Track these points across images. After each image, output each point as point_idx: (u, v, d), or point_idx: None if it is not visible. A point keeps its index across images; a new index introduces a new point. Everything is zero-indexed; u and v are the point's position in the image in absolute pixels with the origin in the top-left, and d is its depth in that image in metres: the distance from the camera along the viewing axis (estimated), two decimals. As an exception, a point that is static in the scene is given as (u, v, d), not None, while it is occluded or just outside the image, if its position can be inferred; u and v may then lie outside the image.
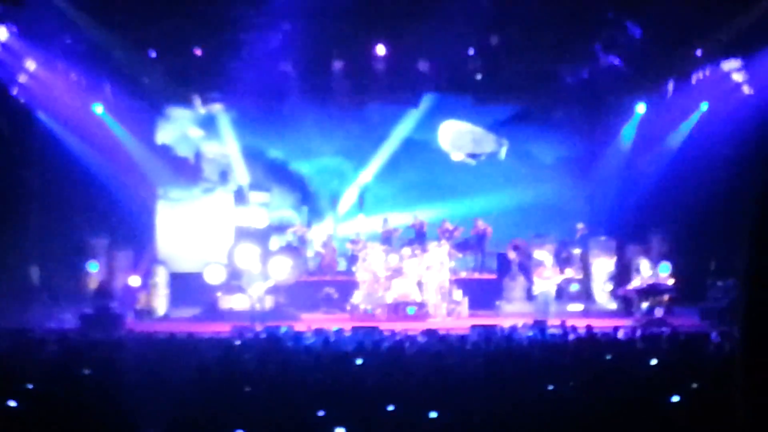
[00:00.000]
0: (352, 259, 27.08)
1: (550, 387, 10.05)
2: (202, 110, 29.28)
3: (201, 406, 9.22)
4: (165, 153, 29.64)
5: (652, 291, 23.08)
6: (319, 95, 28.36)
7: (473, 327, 18.95)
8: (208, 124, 29.90)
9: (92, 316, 21.64)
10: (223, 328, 19.94)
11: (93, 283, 25.23)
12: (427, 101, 29.14)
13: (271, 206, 29.37)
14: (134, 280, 25.74)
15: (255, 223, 27.95)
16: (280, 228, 29.12)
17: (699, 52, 25.60)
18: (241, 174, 30.07)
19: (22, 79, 24.45)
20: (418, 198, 29.99)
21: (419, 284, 25.22)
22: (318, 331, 17.74)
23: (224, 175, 29.98)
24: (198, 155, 30.22)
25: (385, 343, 15.04)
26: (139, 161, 28.07)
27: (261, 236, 27.33)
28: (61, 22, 23.33)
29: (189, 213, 28.99)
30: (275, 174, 30.77)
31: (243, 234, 27.09)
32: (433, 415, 8.87)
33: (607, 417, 8.72)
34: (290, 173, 31.07)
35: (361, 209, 30.40)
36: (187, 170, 30.09)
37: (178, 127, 29.69)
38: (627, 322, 21.25)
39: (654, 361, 12.04)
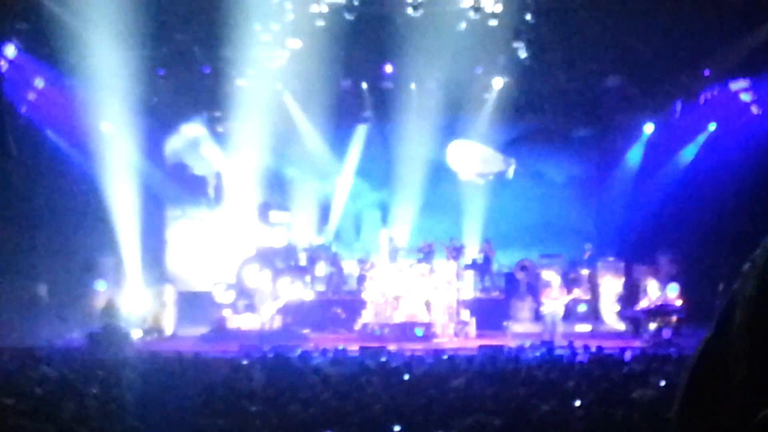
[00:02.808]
0: (361, 279, 27.04)
1: (558, 407, 10.01)
2: (219, 129, 29.38)
3: (208, 426, 9.20)
4: (180, 171, 29.68)
5: (660, 312, 23.00)
6: (327, 114, 28.47)
7: (481, 347, 18.96)
8: (223, 142, 29.94)
9: (99, 334, 21.59)
10: (230, 348, 19.93)
11: (100, 302, 25.22)
12: (436, 121, 29.13)
13: (290, 225, 29.52)
14: (142, 299, 25.75)
15: (275, 243, 28.05)
16: (293, 248, 29.13)
17: (707, 72, 25.63)
18: (254, 193, 30.13)
19: (30, 96, 24.51)
20: (427, 217, 29.97)
21: (427, 304, 25.17)
22: (325, 351, 17.74)
23: (249, 195, 30.03)
24: (218, 175, 30.20)
25: (393, 363, 15.04)
26: (148, 179, 28.07)
27: (273, 256, 27.39)
28: (69, 40, 23.42)
29: (209, 232, 29.18)
30: (293, 193, 30.67)
31: (256, 253, 27.17)
32: (440, 435, 8.85)
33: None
34: (308, 193, 30.94)
35: (384, 227, 30.40)
36: (204, 189, 30.13)
37: (191, 146, 29.71)
38: (635, 343, 21.23)
39: (662, 383, 11.99)
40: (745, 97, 25.25)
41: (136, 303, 25.64)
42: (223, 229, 29.26)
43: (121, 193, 26.53)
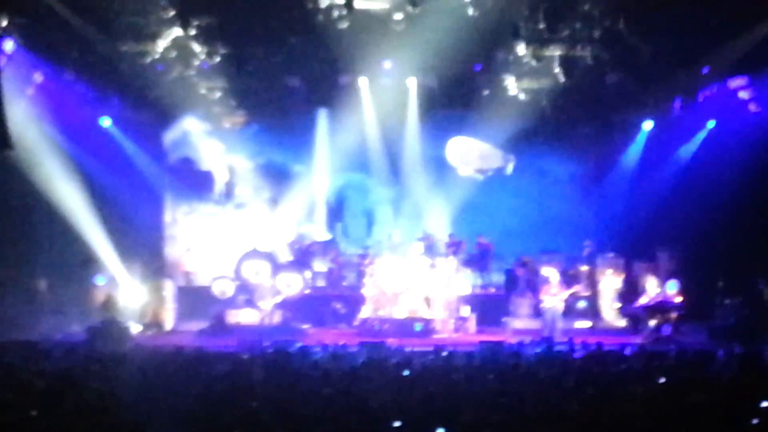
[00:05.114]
0: (360, 275, 27.02)
1: (557, 404, 10.03)
2: (227, 124, 29.39)
3: (207, 421, 9.21)
4: (186, 167, 29.64)
5: (659, 309, 23.01)
6: (328, 109, 28.51)
7: (480, 343, 18.92)
8: (227, 138, 29.93)
9: (99, 329, 21.61)
10: (230, 343, 19.94)
11: (100, 297, 25.25)
12: (435, 117, 29.12)
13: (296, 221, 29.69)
14: (141, 294, 25.77)
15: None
16: (293, 243, 29.18)
17: (705, 70, 25.61)
18: (253, 189, 30.22)
19: (29, 92, 24.45)
20: (427, 213, 29.99)
21: (426, 300, 25.16)
22: (325, 346, 17.74)
23: (257, 190, 30.07)
24: (231, 168, 30.16)
25: (392, 359, 15.04)
26: (147, 174, 28.01)
27: (273, 251, 27.53)
28: (68, 35, 23.39)
29: (220, 227, 29.29)
30: (297, 188, 30.61)
31: (255, 249, 27.24)
32: (439, 431, 8.86)
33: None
34: (312, 187, 30.80)
35: (395, 224, 30.41)
36: (210, 184, 30.12)
37: (194, 141, 29.65)
38: (634, 340, 21.24)
39: (661, 380, 12.01)
40: (743, 94, 25.26)
41: (136, 298, 25.65)
42: (236, 224, 29.46)
43: (121, 188, 26.47)
